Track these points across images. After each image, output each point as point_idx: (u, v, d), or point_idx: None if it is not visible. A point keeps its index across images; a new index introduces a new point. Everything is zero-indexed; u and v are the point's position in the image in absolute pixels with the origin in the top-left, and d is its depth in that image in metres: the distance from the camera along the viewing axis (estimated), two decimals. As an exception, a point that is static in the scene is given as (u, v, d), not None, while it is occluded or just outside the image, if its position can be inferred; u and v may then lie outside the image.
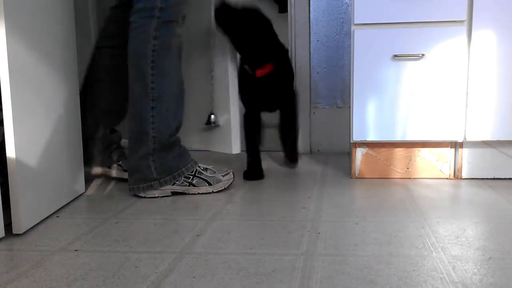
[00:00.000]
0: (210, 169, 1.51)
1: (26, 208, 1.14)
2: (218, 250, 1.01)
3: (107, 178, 1.66)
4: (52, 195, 1.29)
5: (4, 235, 1.10)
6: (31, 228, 1.17)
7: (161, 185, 1.44)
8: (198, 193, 1.47)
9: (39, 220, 1.21)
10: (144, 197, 1.45)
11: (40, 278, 0.89)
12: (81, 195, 1.47)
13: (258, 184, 1.59)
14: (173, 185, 1.46)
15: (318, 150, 2.15)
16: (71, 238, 1.10)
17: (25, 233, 1.14)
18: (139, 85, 1.40)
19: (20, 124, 1.11)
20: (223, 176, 1.50)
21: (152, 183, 1.44)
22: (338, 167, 1.61)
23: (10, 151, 1.09)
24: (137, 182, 1.45)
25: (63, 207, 1.35)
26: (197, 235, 1.10)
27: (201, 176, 1.47)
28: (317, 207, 1.31)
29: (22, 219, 1.12)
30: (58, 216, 1.27)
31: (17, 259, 0.99)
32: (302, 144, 2.12)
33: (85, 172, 1.54)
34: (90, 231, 1.15)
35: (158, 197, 1.45)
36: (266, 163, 1.93)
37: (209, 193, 1.47)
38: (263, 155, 1.72)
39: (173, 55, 1.40)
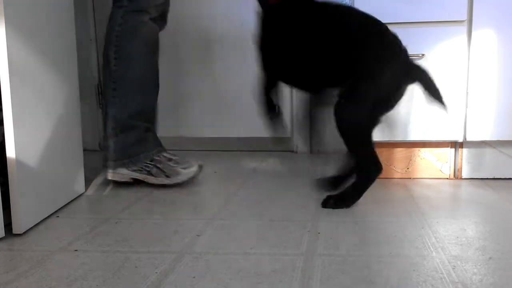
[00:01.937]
0: (174, 160, 1.51)
1: (26, 208, 1.14)
2: (218, 250, 1.01)
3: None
4: (52, 195, 1.29)
5: (4, 235, 1.10)
6: (31, 228, 1.17)
7: (116, 166, 1.49)
8: (155, 184, 1.51)
9: (39, 220, 1.21)
10: (111, 180, 1.52)
11: (40, 278, 0.89)
12: (81, 195, 1.47)
13: (258, 184, 1.59)
14: (133, 171, 1.50)
15: (318, 150, 2.15)
16: (71, 238, 1.10)
17: (25, 233, 1.14)
18: (106, 70, 1.49)
19: (20, 124, 1.11)
20: (184, 169, 1.50)
21: (109, 163, 1.50)
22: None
23: (10, 151, 1.09)
24: (103, 162, 1.54)
25: (63, 207, 1.35)
26: (197, 235, 1.10)
27: (160, 167, 1.50)
28: (317, 207, 1.31)
29: (22, 219, 1.12)
30: (58, 216, 1.27)
31: (17, 259, 0.99)
32: (302, 144, 2.12)
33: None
34: (90, 231, 1.15)
35: (120, 182, 1.51)
36: (265, 164, 1.93)
37: (165, 185, 1.50)
38: (263, 155, 1.71)
39: (139, 42, 1.47)
